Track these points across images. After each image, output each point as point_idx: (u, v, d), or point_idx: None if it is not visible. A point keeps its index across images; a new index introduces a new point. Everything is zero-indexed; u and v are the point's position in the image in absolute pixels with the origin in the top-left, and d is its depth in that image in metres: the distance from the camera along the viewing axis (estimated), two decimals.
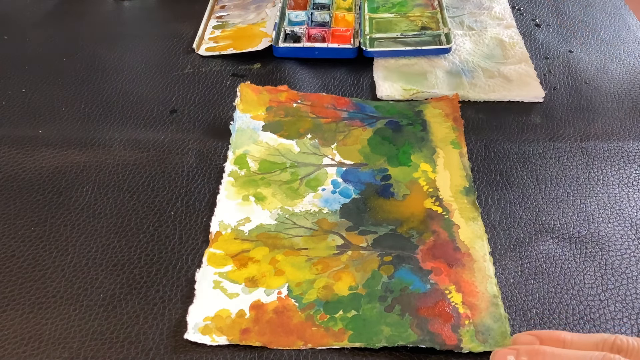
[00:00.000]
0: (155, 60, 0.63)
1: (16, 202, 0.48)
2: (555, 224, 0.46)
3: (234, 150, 0.51)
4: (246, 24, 0.68)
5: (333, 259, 0.43)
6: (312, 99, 0.56)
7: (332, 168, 0.50)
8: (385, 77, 0.60)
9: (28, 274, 0.42)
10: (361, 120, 0.54)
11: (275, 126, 0.54)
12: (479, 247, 0.44)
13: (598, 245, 0.44)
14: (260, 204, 0.47)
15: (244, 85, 0.57)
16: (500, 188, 0.48)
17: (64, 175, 0.50)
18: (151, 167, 0.50)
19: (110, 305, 0.41)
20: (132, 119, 0.55)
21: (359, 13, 0.67)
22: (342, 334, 0.39)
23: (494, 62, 0.62)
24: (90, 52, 0.64)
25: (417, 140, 0.52)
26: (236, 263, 0.43)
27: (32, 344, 0.38)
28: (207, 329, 0.39)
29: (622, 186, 0.49)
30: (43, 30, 0.67)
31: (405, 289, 0.41)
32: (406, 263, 0.43)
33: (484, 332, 0.38)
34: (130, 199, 0.48)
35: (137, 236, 0.45)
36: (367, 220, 0.46)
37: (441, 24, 0.65)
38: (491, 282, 0.41)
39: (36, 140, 0.53)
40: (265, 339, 0.38)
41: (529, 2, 0.71)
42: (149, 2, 0.73)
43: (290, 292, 0.41)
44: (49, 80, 0.60)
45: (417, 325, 0.39)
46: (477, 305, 0.40)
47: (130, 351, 0.38)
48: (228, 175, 0.49)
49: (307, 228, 0.45)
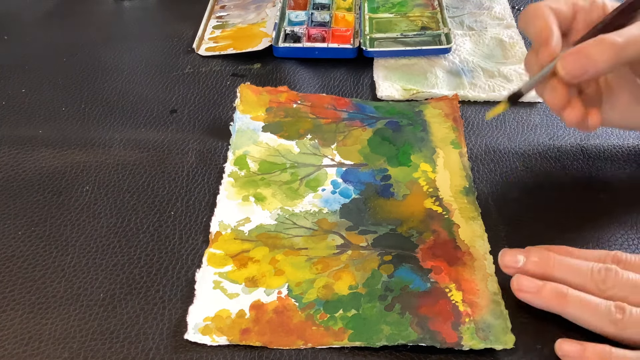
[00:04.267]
0: (155, 60, 0.63)
1: (16, 202, 0.48)
2: (556, 224, 0.46)
3: (234, 151, 0.51)
4: (246, 24, 0.68)
5: (333, 259, 0.43)
6: (312, 100, 0.57)
7: (332, 168, 0.50)
8: (385, 77, 0.60)
9: (28, 274, 0.42)
10: (361, 121, 0.54)
11: (275, 127, 0.54)
12: (479, 245, 0.44)
13: (598, 245, 0.44)
14: (260, 204, 0.47)
15: (243, 86, 0.57)
16: (501, 188, 0.48)
17: (64, 175, 0.50)
18: (151, 167, 0.50)
19: (110, 305, 0.41)
20: (132, 119, 0.55)
21: (359, 13, 0.67)
22: (342, 333, 0.39)
23: (494, 62, 0.62)
24: (90, 52, 0.64)
25: (417, 140, 0.52)
26: (236, 263, 0.43)
27: (32, 344, 0.38)
28: (207, 329, 0.39)
29: (622, 186, 0.49)
30: (43, 30, 0.68)
31: (406, 287, 0.41)
32: (406, 262, 0.43)
33: (484, 329, 0.38)
34: (130, 199, 0.48)
35: (137, 236, 0.45)
36: (367, 220, 0.46)
37: (441, 24, 0.65)
38: (492, 280, 0.41)
39: (36, 140, 0.53)
40: (266, 339, 0.38)
41: (529, 2, 0.71)
42: (149, 2, 0.73)
43: (290, 292, 0.41)
44: (49, 80, 0.60)
45: (417, 324, 0.39)
46: (477, 302, 0.40)
47: (130, 351, 0.38)
48: (228, 176, 0.49)
49: (307, 228, 0.45)
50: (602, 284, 0.38)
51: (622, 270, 0.38)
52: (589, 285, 0.38)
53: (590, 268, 0.38)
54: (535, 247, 0.41)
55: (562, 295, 0.38)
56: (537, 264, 0.39)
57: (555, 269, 0.39)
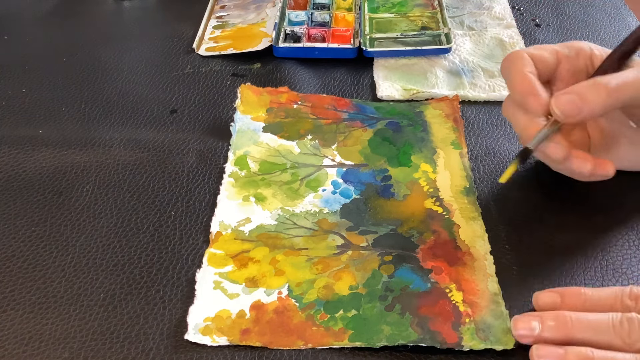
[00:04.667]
0: (155, 60, 0.63)
1: (16, 202, 0.48)
2: (556, 225, 0.46)
3: (234, 151, 0.51)
4: (246, 24, 0.68)
5: (333, 259, 0.43)
6: (313, 100, 0.57)
7: (333, 169, 0.50)
8: (385, 77, 0.60)
9: (28, 274, 0.42)
10: (361, 121, 0.54)
11: (276, 127, 0.54)
12: (480, 246, 0.44)
13: (599, 245, 0.44)
14: (260, 204, 0.47)
15: (244, 87, 0.57)
16: (501, 188, 0.48)
17: (64, 175, 0.50)
18: (151, 167, 0.50)
19: (110, 305, 0.40)
20: (132, 119, 0.55)
21: (359, 13, 0.67)
22: (343, 333, 0.39)
23: (494, 62, 0.62)
24: (90, 52, 0.64)
25: (417, 140, 0.52)
26: (236, 263, 0.43)
27: (32, 344, 0.38)
28: (207, 330, 0.39)
29: (622, 186, 0.48)
30: (43, 30, 0.67)
31: (406, 288, 0.41)
32: (406, 262, 0.43)
33: (484, 329, 0.38)
34: (130, 199, 0.48)
35: (137, 236, 0.45)
36: (367, 220, 0.46)
37: (441, 24, 0.65)
38: (492, 280, 0.41)
39: (36, 140, 0.53)
40: (266, 339, 0.38)
41: (529, 2, 0.71)
42: (149, 2, 0.73)
43: (290, 292, 0.41)
44: (49, 80, 0.60)
45: (417, 324, 0.39)
46: (477, 303, 0.40)
47: (130, 351, 0.38)
48: (228, 176, 0.49)
49: (307, 228, 0.45)
50: (628, 338, 0.35)
51: None
52: (615, 341, 0.36)
53: (611, 322, 0.36)
54: (544, 294, 0.39)
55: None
56: (554, 328, 0.36)
57: (575, 329, 0.36)
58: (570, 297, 0.38)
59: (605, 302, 0.38)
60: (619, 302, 0.37)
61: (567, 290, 0.39)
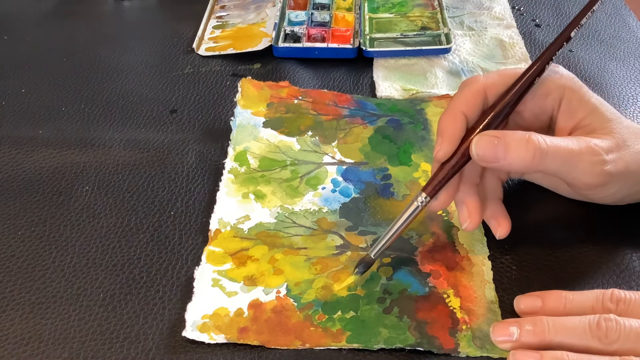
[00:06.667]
0: (155, 60, 0.63)
1: (16, 202, 0.48)
2: (556, 226, 0.45)
3: (234, 146, 0.51)
4: (246, 24, 0.68)
5: (332, 259, 0.43)
6: (314, 96, 0.56)
7: (333, 166, 0.50)
8: (385, 77, 0.60)
9: (28, 274, 0.43)
10: (362, 118, 0.54)
11: (276, 123, 0.54)
12: (478, 250, 0.43)
13: (598, 245, 0.44)
14: (260, 201, 0.47)
15: (245, 81, 0.57)
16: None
17: (64, 175, 0.50)
18: (151, 167, 0.50)
19: (110, 305, 0.41)
20: (132, 119, 0.55)
21: (359, 13, 0.67)
22: (340, 334, 0.39)
23: (494, 62, 0.62)
24: (90, 52, 0.64)
25: (417, 139, 0.52)
26: (235, 261, 0.43)
27: (32, 344, 0.38)
28: (205, 327, 0.39)
29: None
30: (43, 30, 0.68)
31: (404, 291, 0.41)
32: (405, 265, 0.42)
33: (481, 337, 0.38)
34: (130, 199, 0.48)
35: (136, 236, 0.45)
36: (366, 220, 0.46)
37: (441, 24, 0.65)
38: (489, 288, 0.41)
39: (36, 140, 0.53)
40: (263, 338, 0.38)
41: (529, 2, 0.71)
42: (149, 2, 0.73)
43: (289, 292, 0.41)
44: (49, 80, 0.60)
45: (415, 328, 0.39)
46: (474, 310, 0.40)
47: (130, 351, 0.38)
48: (228, 172, 0.49)
49: (306, 227, 0.45)
50: (605, 339, 0.35)
51: (622, 319, 0.35)
52: (592, 343, 0.35)
53: (588, 324, 0.36)
54: (525, 297, 0.39)
55: None
56: (532, 333, 0.36)
57: (552, 333, 0.36)
58: (551, 301, 0.38)
59: (586, 305, 0.37)
60: (600, 304, 0.37)
61: (548, 293, 0.39)
